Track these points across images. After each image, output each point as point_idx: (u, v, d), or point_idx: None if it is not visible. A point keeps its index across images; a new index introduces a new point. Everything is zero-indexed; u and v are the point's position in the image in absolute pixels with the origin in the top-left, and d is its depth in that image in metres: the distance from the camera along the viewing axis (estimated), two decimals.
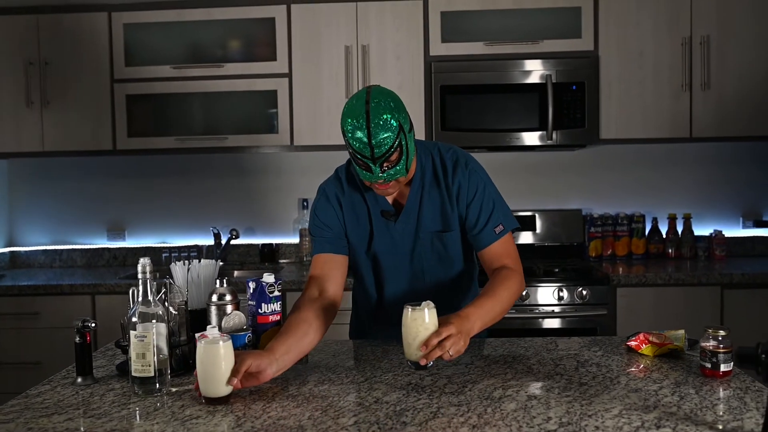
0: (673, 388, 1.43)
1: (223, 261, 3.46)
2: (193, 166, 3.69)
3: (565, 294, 2.98)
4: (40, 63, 3.32)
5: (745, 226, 3.58)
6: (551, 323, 2.99)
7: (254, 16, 3.29)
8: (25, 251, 3.72)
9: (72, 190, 3.71)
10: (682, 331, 1.69)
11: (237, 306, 1.64)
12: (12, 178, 3.72)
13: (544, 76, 3.18)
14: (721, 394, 1.40)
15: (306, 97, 3.29)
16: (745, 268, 3.07)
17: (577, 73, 3.19)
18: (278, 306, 1.64)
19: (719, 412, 1.30)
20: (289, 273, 3.28)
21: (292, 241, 3.69)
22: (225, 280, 1.65)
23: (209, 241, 3.65)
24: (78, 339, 1.54)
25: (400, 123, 1.59)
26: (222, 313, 1.61)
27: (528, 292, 2.99)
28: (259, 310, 1.62)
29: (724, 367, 1.47)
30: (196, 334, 1.47)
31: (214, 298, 1.62)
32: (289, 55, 3.29)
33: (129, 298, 1.53)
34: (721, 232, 3.45)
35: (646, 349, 1.67)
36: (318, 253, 1.79)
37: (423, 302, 1.50)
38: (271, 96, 3.30)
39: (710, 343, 1.49)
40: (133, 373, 1.44)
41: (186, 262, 1.73)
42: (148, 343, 1.42)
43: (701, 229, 3.54)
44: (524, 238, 3.50)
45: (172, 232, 3.71)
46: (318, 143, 3.30)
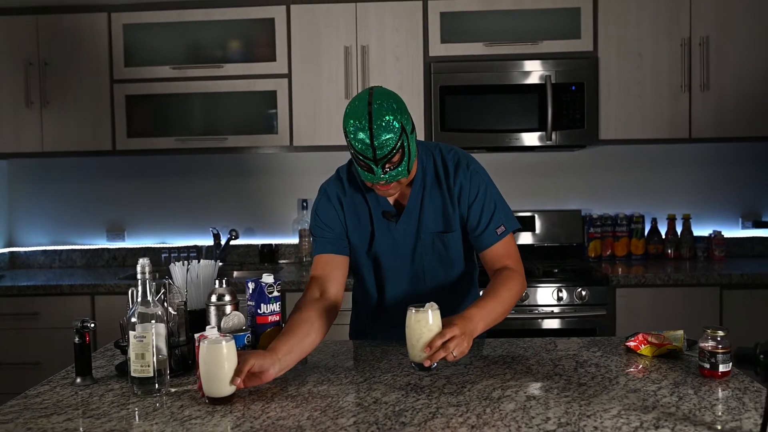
0: (672, 388, 1.43)
1: (222, 261, 3.46)
2: (193, 166, 3.69)
3: (565, 294, 2.98)
4: (40, 63, 3.32)
5: (745, 227, 3.58)
6: (550, 324, 2.99)
7: (254, 16, 3.29)
8: (25, 252, 3.72)
9: (71, 191, 3.71)
10: (680, 332, 1.70)
11: (236, 306, 1.64)
12: (11, 179, 3.72)
13: (544, 77, 3.19)
14: (720, 394, 1.40)
15: (305, 97, 3.29)
16: (744, 269, 3.07)
17: (576, 74, 3.20)
18: (277, 306, 1.65)
19: (718, 413, 1.30)
20: (289, 273, 3.28)
21: (292, 241, 3.69)
22: (224, 281, 1.65)
23: (209, 242, 3.65)
24: (77, 339, 1.54)
25: (403, 124, 1.59)
26: (221, 314, 1.61)
27: (527, 293, 2.99)
28: (258, 311, 1.62)
29: (722, 368, 1.47)
30: (196, 335, 1.47)
31: (214, 298, 1.63)
32: (288, 55, 3.29)
33: (128, 299, 1.53)
34: (721, 232, 3.46)
35: (645, 350, 1.67)
36: (319, 254, 1.79)
37: (427, 304, 1.50)
38: (271, 96, 3.30)
39: (709, 344, 1.49)
40: (132, 374, 1.45)
41: (185, 262, 1.73)
42: (147, 344, 1.42)
43: (700, 230, 3.54)
44: (524, 238, 3.50)
45: (172, 232, 3.71)
46: (317, 144, 3.31)
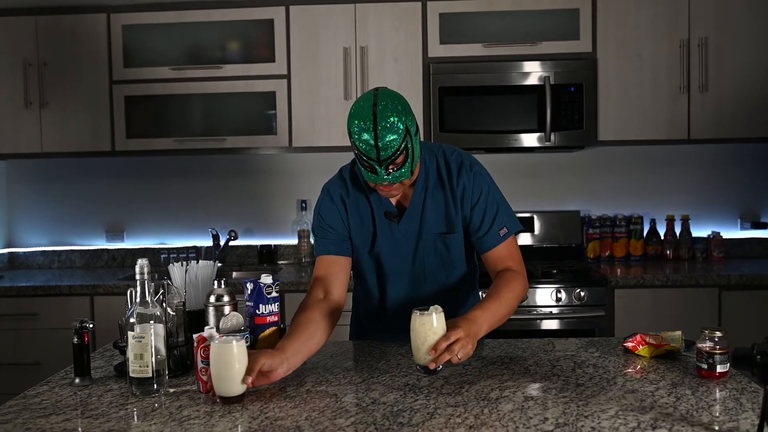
0: (670, 389, 1.44)
1: (221, 262, 3.47)
2: (192, 167, 3.69)
3: (563, 295, 2.99)
4: (39, 64, 3.32)
5: (743, 228, 3.58)
6: (549, 324, 2.99)
7: (253, 17, 3.29)
8: (24, 252, 3.72)
9: (71, 192, 3.71)
10: (678, 333, 1.70)
11: (235, 307, 1.64)
12: (10, 179, 3.72)
13: (543, 78, 3.19)
14: (718, 395, 1.40)
15: (304, 98, 3.29)
16: (742, 270, 3.07)
17: (575, 75, 3.20)
18: (276, 307, 1.65)
19: (715, 413, 1.30)
20: (288, 274, 3.28)
21: (291, 242, 3.69)
22: (223, 281, 1.66)
23: (208, 242, 3.65)
24: (76, 340, 1.54)
25: (407, 126, 1.59)
26: (220, 314, 1.61)
27: (526, 293, 2.98)
28: (257, 311, 1.62)
29: (720, 368, 1.48)
30: (194, 335, 1.47)
31: (212, 299, 1.63)
32: (287, 56, 3.29)
33: (127, 299, 1.53)
34: (719, 233, 3.46)
35: (643, 350, 1.68)
36: (322, 255, 1.79)
37: (431, 307, 1.50)
38: (270, 97, 3.30)
39: (706, 344, 1.49)
40: (131, 374, 1.45)
41: (184, 263, 1.73)
42: (146, 344, 1.43)
43: (699, 231, 3.54)
44: (522, 239, 3.50)
45: (171, 233, 3.71)
46: (316, 144, 3.31)
